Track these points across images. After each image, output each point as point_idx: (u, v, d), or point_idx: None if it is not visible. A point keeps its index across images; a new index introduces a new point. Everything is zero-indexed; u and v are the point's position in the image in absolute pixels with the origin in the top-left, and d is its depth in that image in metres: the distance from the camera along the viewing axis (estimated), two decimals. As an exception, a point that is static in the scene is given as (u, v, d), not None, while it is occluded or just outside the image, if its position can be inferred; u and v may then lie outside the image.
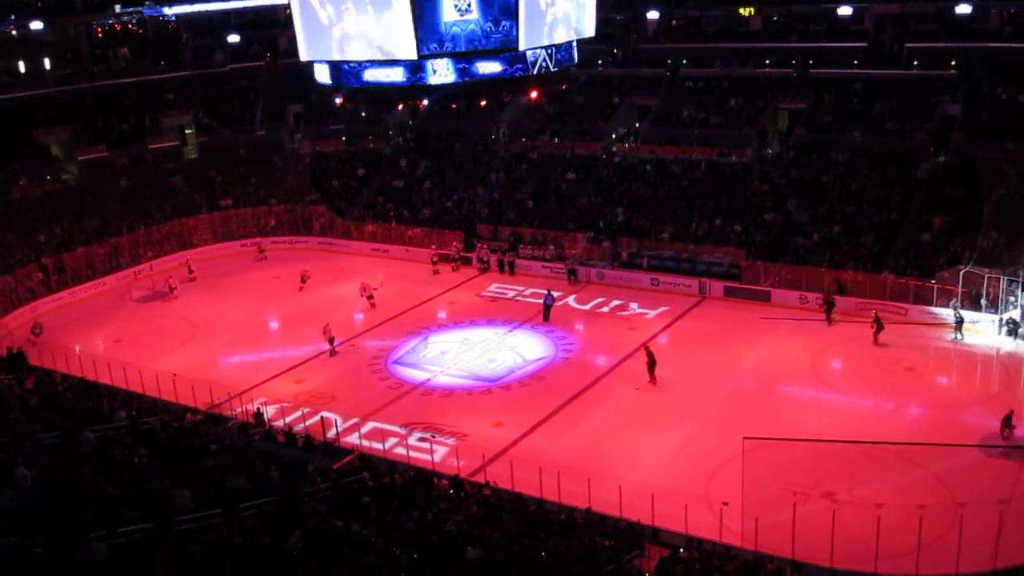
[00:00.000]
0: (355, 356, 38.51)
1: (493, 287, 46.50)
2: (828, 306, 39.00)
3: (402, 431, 31.24)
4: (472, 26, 27.53)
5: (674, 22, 63.16)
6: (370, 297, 43.87)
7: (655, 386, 33.80)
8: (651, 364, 33.99)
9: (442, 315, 43.24)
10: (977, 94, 48.51)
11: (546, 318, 41.57)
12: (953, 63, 50.47)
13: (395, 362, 37.77)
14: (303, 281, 47.18)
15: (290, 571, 17.75)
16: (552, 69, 31.25)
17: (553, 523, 23.49)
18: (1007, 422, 27.97)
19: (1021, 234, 38.88)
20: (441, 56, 28.51)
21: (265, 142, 60.77)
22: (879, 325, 36.51)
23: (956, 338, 36.50)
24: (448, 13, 27.05)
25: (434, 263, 48.97)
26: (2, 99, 56.30)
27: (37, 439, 25.27)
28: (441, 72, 29.03)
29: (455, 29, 27.60)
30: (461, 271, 48.87)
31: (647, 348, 34.87)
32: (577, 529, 23.16)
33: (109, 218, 52.12)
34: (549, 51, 30.91)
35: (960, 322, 36.54)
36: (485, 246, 49.57)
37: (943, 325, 37.36)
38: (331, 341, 38.71)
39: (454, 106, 62.14)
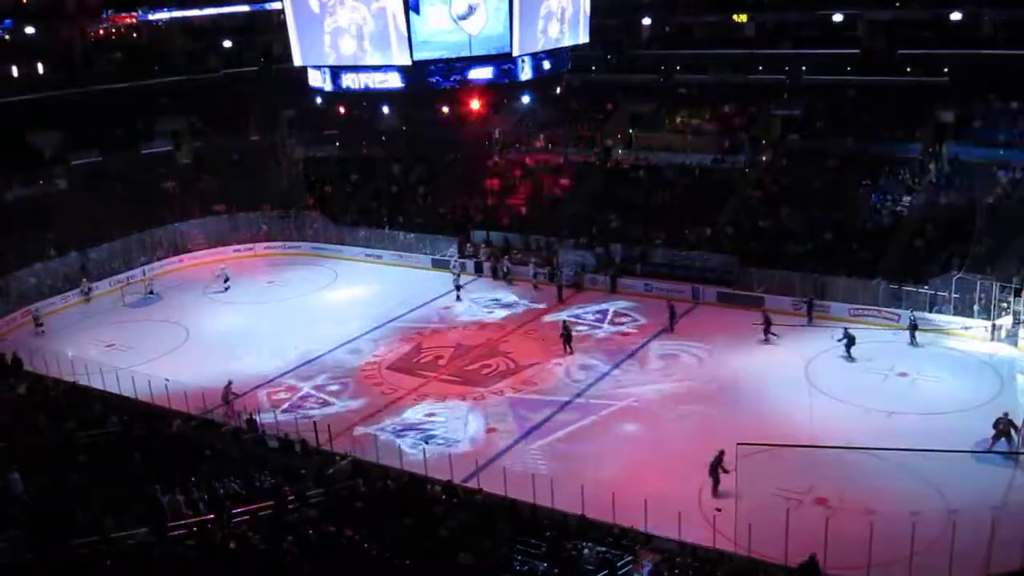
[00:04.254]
0: (348, 362, 38.49)
1: (488, 293, 46.54)
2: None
3: (395, 436, 31.27)
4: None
5: (667, 28, 63.21)
6: (225, 280, 48.22)
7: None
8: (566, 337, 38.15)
9: (435, 320, 43.15)
10: (970, 101, 48.67)
11: (560, 300, 44.20)
12: (946, 70, 50.57)
13: (388, 367, 37.76)
14: (225, 282, 48.27)
15: (283, 576, 17.77)
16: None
17: (546, 529, 23.47)
18: (998, 427, 27.97)
19: (1013, 240, 39.05)
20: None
21: (259, 147, 60.63)
22: None
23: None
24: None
25: (535, 279, 46.78)
26: (-4, 103, 56.07)
27: (31, 445, 25.27)
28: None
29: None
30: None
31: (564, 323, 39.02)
32: (570, 535, 23.14)
33: (102, 223, 51.93)
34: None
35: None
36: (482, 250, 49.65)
37: (934, 330, 37.47)
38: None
39: (447, 111, 61.82)
